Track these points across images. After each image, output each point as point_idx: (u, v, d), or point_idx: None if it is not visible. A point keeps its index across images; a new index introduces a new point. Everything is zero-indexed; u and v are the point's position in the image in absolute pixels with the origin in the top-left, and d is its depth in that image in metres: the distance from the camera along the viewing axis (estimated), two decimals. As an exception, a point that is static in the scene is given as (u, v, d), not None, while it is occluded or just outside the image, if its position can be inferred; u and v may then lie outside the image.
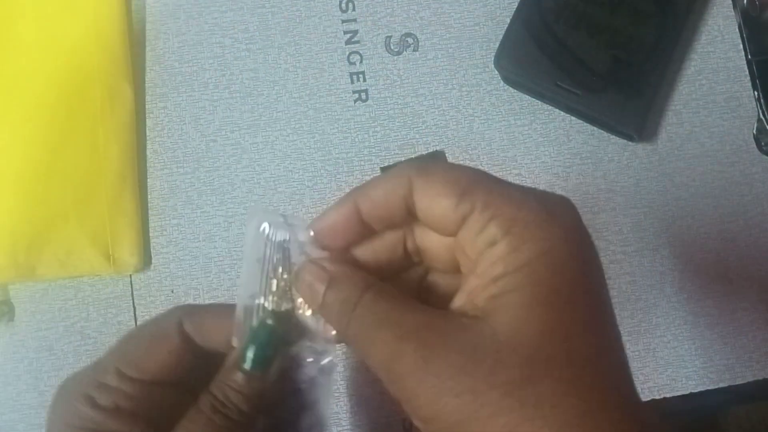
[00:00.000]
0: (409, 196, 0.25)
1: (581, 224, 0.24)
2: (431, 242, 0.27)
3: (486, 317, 0.23)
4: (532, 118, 0.50)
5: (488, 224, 0.23)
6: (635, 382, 0.24)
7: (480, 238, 0.24)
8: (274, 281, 0.27)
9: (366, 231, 0.27)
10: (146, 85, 0.50)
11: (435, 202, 0.25)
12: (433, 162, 0.26)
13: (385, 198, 0.25)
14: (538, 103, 0.50)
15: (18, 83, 0.48)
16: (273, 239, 0.27)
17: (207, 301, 0.48)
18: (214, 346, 0.29)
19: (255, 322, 0.27)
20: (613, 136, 0.49)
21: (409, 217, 0.26)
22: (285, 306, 0.27)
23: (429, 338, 0.22)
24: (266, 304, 0.27)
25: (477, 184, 0.24)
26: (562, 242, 0.23)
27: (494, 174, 0.24)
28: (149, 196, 0.49)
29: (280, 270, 0.27)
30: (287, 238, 0.27)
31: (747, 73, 0.50)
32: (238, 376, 0.27)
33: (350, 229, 0.26)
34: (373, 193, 0.26)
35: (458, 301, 0.24)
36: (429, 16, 0.51)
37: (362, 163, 0.49)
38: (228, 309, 0.29)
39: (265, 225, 0.27)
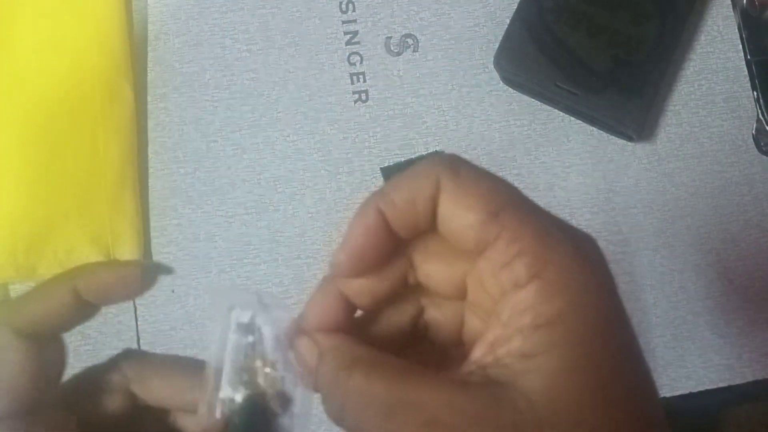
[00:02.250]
0: (436, 197, 0.22)
1: (608, 267, 0.21)
2: (437, 272, 0.24)
3: (516, 380, 0.20)
4: (532, 118, 0.50)
5: (514, 260, 0.21)
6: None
7: (504, 274, 0.21)
8: (243, 369, 0.25)
9: (394, 240, 0.24)
10: (147, 85, 0.50)
11: (460, 214, 0.22)
12: (464, 161, 0.22)
13: (410, 200, 0.22)
14: (537, 104, 0.50)
15: (18, 83, 0.48)
16: (243, 322, 0.25)
17: (207, 302, 0.48)
18: (61, 325, 0.26)
19: (238, 400, 0.25)
20: (613, 136, 0.49)
21: (434, 221, 0.23)
22: (254, 390, 0.25)
23: (455, 422, 0.19)
24: (237, 396, 0.25)
25: (508, 207, 0.22)
26: (596, 294, 0.21)
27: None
28: (149, 196, 0.49)
29: (248, 357, 0.25)
30: (258, 322, 0.25)
31: (746, 73, 0.50)
32: None
33: (380, 243, 0.23)
34: (397, 196, 0.23)
35: (478, 352, 0.21)
36: (429, 17, 0.51)
37: (362, 163, 0.49)
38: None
39: (236, 311, 0.25)
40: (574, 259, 0.21)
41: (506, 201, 0.22)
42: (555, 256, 0.21)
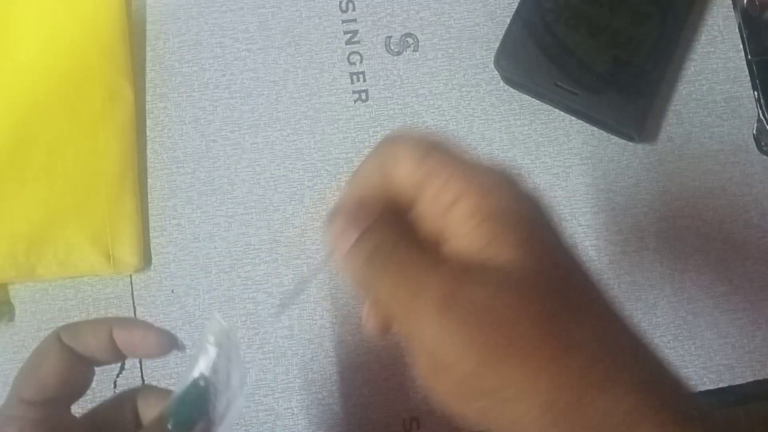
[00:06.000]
0: (384, 163, 0.26)
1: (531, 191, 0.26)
2: None
3: (490, 261, 0.23)
4: (532, 118, 0.50)
5: (449, 182, 0.24)
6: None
7: (441, 197, 0.25)
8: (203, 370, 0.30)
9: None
10: (146, 85, 0.50)
11: (399, 165, 0.26)
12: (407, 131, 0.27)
13: (369, 172, 0.27)
14: (538, 103, 0.50)
15: (18, 83, 0.48)
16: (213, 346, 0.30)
17: (207, 302, 0.48)
18: (93, 355, 0.31)
19: (183, 386, 0.29)
20: (613, 136, 0.49)
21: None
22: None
23: (454, 274, 0.23)
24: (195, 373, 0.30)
25: (435, 147, 0.26)
26: (522, 194, 0.25)
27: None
28: (149, 196, 0.49)
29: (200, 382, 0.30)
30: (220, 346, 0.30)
31: (747, 73, 0.50)
32: None
33: (360, 217, 0.26)
34: (360, 172, 0.27)
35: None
36: (429, 17, 0.51)
37: (362, 163, 0.49)
38: (102, 321, 0.31)
39: (210, 341, 0.30)
40: (501, 175, 0.25)
41: (432, 144, 0.26)
42: (482, 173, 0.25)
